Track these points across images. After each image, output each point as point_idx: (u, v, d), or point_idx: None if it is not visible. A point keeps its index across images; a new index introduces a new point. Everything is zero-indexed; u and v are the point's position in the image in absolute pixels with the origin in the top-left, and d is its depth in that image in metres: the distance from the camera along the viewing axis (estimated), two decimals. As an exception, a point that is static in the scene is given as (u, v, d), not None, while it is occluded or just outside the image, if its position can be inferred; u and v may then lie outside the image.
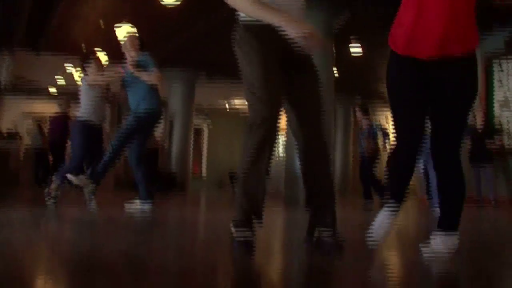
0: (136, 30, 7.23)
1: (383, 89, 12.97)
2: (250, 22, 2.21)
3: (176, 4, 6.31)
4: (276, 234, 3.23)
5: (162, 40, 9.43)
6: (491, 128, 7.76)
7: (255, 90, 2.12)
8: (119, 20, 7.47)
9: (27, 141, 11.79)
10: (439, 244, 2.02)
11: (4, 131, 12.21)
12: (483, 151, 7.28)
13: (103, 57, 8.01)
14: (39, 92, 14.62)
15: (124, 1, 7.66)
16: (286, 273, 1.82)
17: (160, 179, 10.55)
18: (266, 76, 2.12)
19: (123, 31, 7.02)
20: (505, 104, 7.99)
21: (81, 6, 7.94)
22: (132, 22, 7.36)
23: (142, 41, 4.76)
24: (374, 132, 6.89)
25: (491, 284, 1.65)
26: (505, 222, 4.56)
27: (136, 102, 4.57)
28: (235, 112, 17.81)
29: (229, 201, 7.43)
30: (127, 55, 4.61)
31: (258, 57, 2.16)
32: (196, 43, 9.62)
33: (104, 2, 7.87)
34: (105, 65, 5.38)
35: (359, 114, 7.05)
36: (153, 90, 4.59)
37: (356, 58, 10.10)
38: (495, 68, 8.19)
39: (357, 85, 13.15)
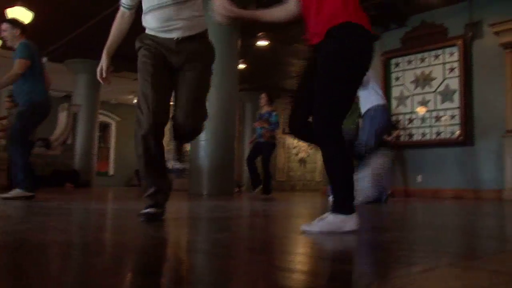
0: (31, 14, 6.78)
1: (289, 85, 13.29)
2: (150, 34, 2.57)
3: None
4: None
5: (64, 27, 8.91)
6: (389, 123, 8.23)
7: (139, 103, 2.46)
8: (12, 2, 6.90)
9: None
10: (320, 222, 2.04)
11: None
12: (382, 145, 7.68)
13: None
14: None
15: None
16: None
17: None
18: (148, 91, 2.43)
19: (16, 14, 6.53)
20: (401, 100, 8.52)
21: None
22: (29, 6, 6.85)
23: (22, 28, 4.45)
24: (274, 120, 6.96)
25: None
26: (400, 209, 4.84)
27: (18, 95, 4.34)
28: (144, 107, 17.32)
29: (135, 197, 7.19)
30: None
31: (144, 71, 2.48)
32: (101, 32, 9.09)
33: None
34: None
35: (263, 100, 7.14)
36: (35, 80, 4.31)
37: (263, 53, 10.23)
38: (392, 65, 8.71)
39: (266, 81, 13.36)
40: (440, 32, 8.12)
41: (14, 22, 4.51)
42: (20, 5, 6.66)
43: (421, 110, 8.31)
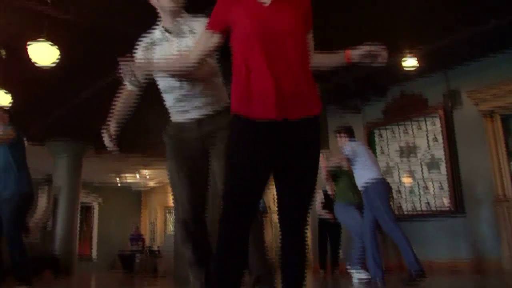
0: (10, 97, 6.72)
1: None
2: (172, 122, 2.54)
3: (51, 66, 5.85)
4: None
5: (44, 108, 8.81)
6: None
7: (174, 194, 2.52)
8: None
9: None
10: None
11: None
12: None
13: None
14: None
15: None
16: None
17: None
18: (178, 184, 2.48)
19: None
20: (387, 171, 8.42)
21: None
22: (8, 88, 6.78)
23: (10, 115, 4.54)
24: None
25: None
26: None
27: (2, 185, 4.25)
28: (127, 187, 17.04)
29: (120, 284, 6.80)
30: None
31: (173, 164, 2.49)
32: (82, 112, 9.01)
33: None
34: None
35: None
36: (21, 169, 4.29)
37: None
38: (376, 137, 8.70)
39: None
40: (420, 102, 8.20)
41: (4, 109, 4.67)
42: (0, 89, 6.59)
43: (408, 181, 8.21)
